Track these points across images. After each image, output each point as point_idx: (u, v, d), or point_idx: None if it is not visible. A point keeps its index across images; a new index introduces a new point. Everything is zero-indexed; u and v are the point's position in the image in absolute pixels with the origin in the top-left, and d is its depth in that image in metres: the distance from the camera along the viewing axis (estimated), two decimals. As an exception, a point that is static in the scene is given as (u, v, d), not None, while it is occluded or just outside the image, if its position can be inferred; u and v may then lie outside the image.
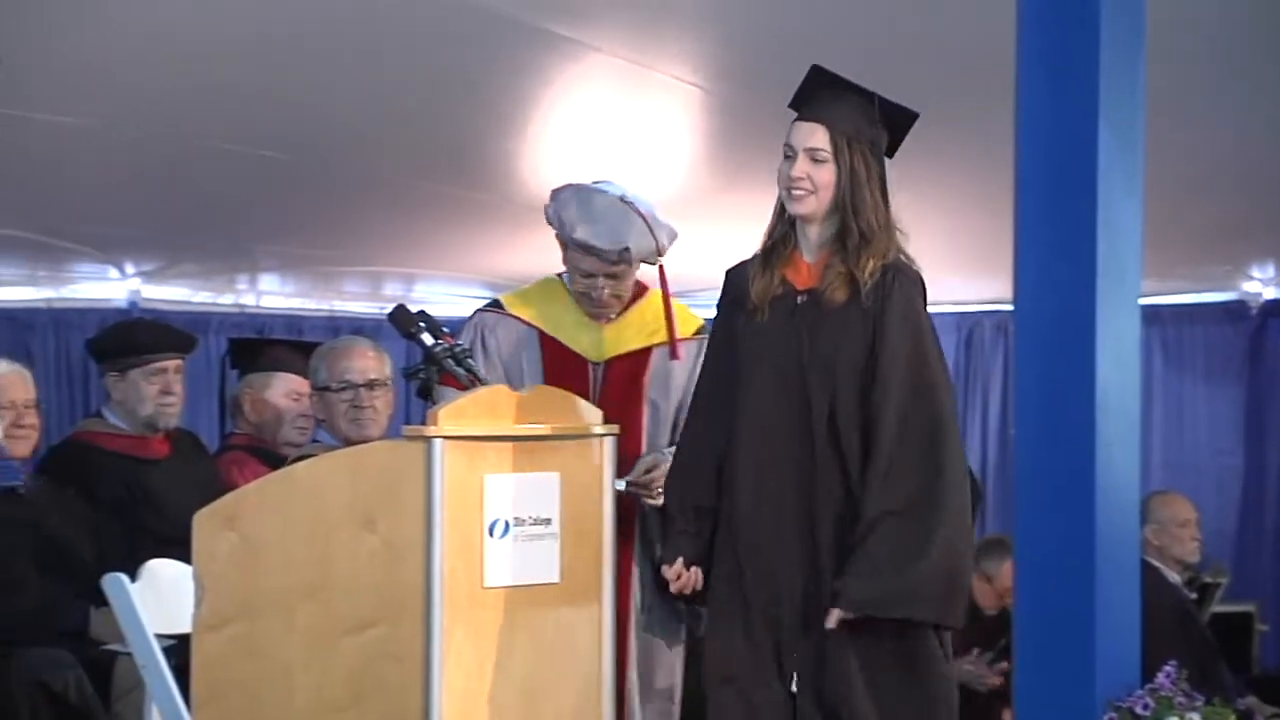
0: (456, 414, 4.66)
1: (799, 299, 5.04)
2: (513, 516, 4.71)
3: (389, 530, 4.59)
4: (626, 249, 5.64)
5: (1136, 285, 4.76)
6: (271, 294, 10.83)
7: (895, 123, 5.10)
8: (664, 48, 7.27)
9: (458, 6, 6.81)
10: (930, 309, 5.05)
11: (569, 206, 5.68)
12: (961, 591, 4.97)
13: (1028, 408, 4.75)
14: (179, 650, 5.10)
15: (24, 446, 6.96)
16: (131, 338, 7.22)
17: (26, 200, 8.23)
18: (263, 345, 8.04)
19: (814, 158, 4.99)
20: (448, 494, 4.58)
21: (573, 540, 4.83)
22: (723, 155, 8.47)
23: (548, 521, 4.78)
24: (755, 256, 5.15)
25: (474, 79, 7.43)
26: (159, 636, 5.11)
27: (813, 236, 5.08)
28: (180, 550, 4.94)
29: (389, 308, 5.36)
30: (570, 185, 5.75)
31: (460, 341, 5.34)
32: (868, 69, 5.27)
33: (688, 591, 5.19)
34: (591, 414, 4.98)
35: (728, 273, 5.21)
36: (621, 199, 5.69)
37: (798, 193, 5.01)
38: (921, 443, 4.92)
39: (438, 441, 4.58)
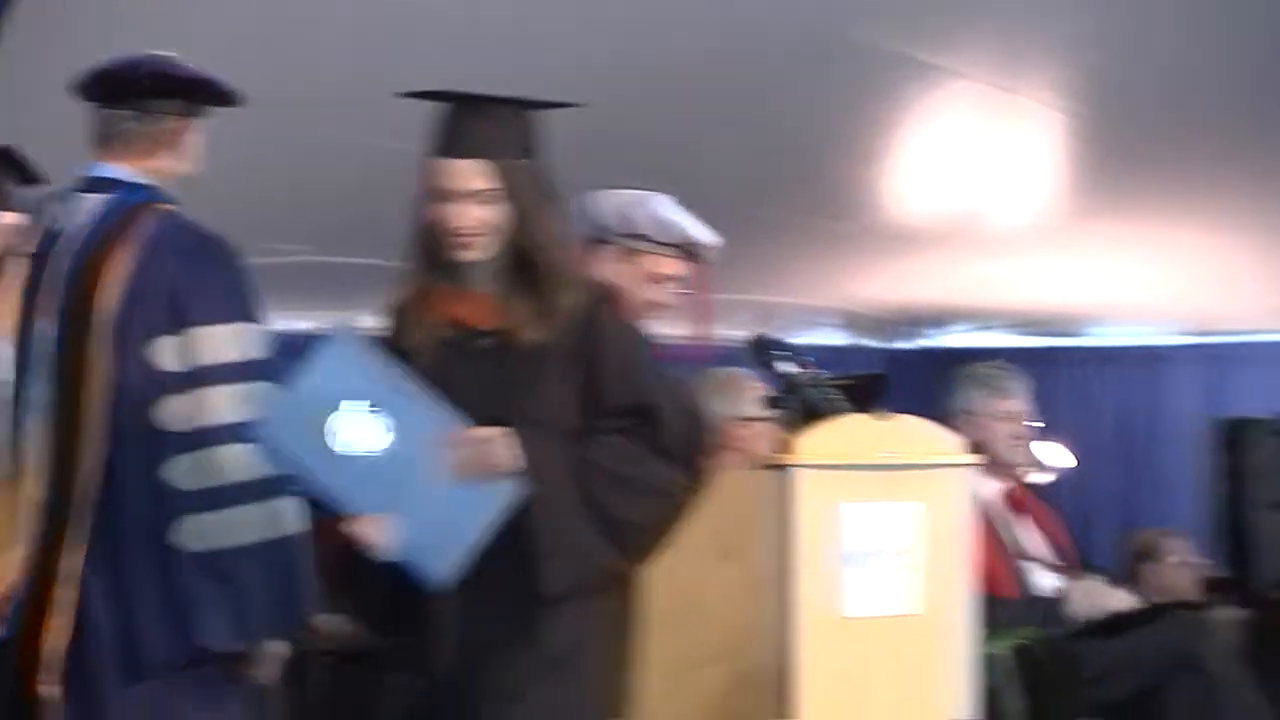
0: (815, 442, 4.62)
1: (481, 341, 4.12)
2: (873, 546, 4.65)
3: (746, 560, 4.57)
4: None
5: None
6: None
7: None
8: (1030, 72, 7.19)
9: (819, 35, 6.80)
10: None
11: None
12: None
13: None
14: None
15: None
16: None
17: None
18: None
19: (479, 200, 4.06)
20: (805, 523, 4.56)
21: (935, 571, 4.74)
22: (1089, 181, 8.33)
23: (909, 552, 4.70)
24: (406, 291, 4.18)
25: (835, 107, 7.42)
26: None
27: (483, 267, 4.12)
28: None
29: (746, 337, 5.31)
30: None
31: (822, 370, 5.27)
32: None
33: None
34: (953, 442, 4.89)
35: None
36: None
37: (465, 240, 4.07)
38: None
39: (795, 470, 4.55)
